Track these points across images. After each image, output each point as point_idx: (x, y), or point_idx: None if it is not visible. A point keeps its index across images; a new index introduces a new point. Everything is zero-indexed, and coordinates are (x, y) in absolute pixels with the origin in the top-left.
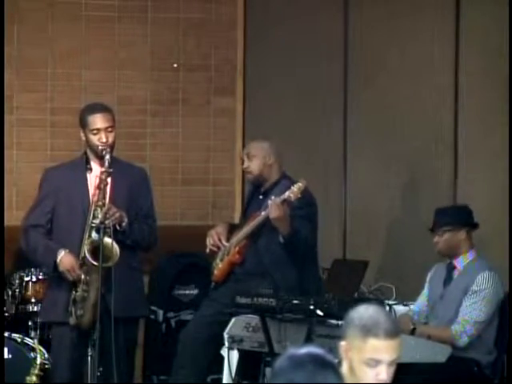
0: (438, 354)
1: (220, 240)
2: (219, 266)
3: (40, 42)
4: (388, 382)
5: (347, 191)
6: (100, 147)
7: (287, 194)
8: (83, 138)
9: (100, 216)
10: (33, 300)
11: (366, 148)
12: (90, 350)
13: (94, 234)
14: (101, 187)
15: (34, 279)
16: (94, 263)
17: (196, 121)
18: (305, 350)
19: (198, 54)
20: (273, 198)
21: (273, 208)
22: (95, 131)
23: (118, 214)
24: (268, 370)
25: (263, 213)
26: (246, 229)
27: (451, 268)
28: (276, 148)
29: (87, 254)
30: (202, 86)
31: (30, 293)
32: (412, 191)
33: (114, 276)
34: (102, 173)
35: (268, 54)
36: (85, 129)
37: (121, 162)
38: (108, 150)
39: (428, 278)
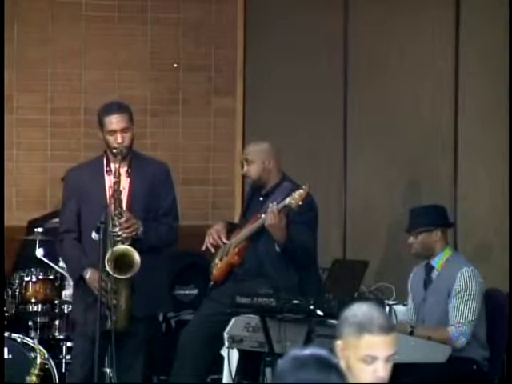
0: (438, 354)
1: (220, 238)
2: (218, 266)
3: (40, 42)
4: (386, 378)
5: (347, 191)
6: (115, 150)
7: (288, 200)
8: (101, 137)
9: (117, 226)
10: (33, 300)
11: (366, 148)
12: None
13: (118, 240)
14: (115, 196)
15: (34, 279)
16: (117, 276)
17: (196, 121)
18: (308, 351)
19: (197, 54)
20: (272, 204)
21: (269, 216)
22: (111, 132)
23: (136, 226)
24: (268, 370)
25: (263, 215)
26: (246, 230)
27: (429, 269)
28: (275, 149)
29: (108, 266)
30: (202, 86)
31: (29, 293)
32: (412, 191)
33: (133, 281)
34: (114, 183)
35: (268, 54)
36: (102, 129)
37: (141, 158)
38: (123, 151)
39: (409, 285)
